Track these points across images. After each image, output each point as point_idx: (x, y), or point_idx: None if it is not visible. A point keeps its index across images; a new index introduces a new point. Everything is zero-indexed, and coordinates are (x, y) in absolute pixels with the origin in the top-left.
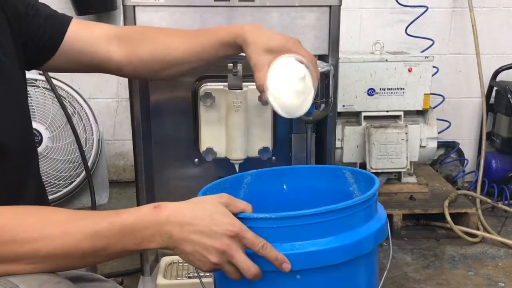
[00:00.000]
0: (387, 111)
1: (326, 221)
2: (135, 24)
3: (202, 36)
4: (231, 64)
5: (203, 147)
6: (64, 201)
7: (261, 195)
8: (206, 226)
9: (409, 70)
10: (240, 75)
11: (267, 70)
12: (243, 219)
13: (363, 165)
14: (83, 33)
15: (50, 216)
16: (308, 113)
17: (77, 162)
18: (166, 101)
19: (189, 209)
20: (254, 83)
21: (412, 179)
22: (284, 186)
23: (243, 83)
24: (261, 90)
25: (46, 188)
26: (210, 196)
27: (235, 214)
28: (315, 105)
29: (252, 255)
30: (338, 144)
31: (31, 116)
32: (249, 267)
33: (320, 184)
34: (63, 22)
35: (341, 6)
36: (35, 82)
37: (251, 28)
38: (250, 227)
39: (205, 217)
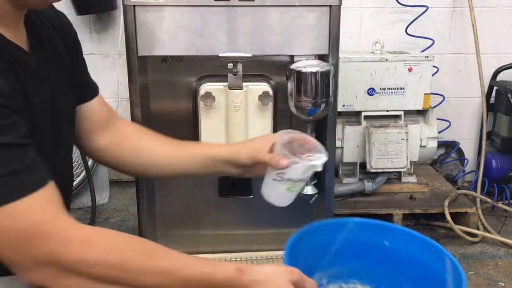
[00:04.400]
0: (387, 111)
1: None
2: (135, 24)
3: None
4: (231, 64)
5: None
6: None
7: (360, 245)
8: None
9: (409, 70)
10: (240, 74)
11: None
12: None
13: (363, 165)
14: (96, 110)
15: (154, 250)
16: (310, 113)
17: (77, 162)
18: (166, 100)
19: (263, 283)
20: (254, 84)
21: (412, 179)
22: (386, 243)
23: (243, 83)
24: None
25: None
26: (284, 270)
27: None
28: (315, 105)
29: None
30: (338, 143)
31: None
32: None
33: (419, 256)
34: (96, 89)
35: (341, 6)
36: None
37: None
38: None
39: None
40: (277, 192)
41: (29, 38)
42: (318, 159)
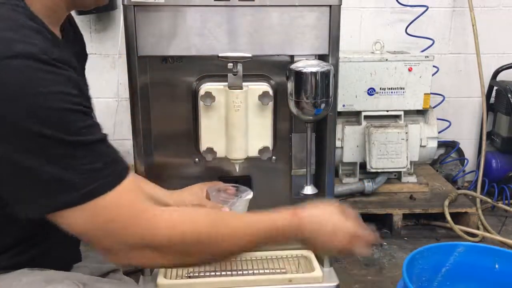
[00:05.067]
0: (387, 111)
1: None
2: (135, 24)
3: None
4: (231, 64)
5: (203, 146)
6: None
7: (469, 267)
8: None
9: (409, 70)
10: (240, 74)
11: None
12: None
13: (363, 165)
14: None
15: (223, 217)
16: (310, 113)
17: None
18: (166, 100)
19: (319, 221)
20: (254, 83)
21: (412, 179)
22: (496, 266)
23: (243, 83)
24: None
25: None
26: (332, 206)
27: None
28: (315, 105)
29: None
30: (338, 143)
31: None
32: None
33: None
34: None
35: (341, 6)
36: None
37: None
38: None
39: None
40: None
41: (63, 38)
42: (249, 193)
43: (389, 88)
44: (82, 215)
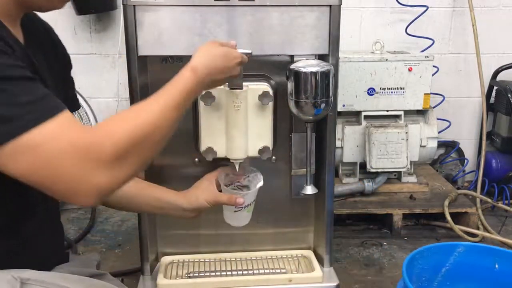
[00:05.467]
0: (387, 111)
1: None
2: (135, 24)
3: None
4: None
5: (203, 146)
6: None
7: (469, 267)
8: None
9: (409, 70)
10: (240, 74)
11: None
12: None
13: (363, 165)
14: None
15: (144, 105)
16: (310, 113)
17: None
18: None
19: (206, 60)
20: (254, 83)
21: (412, 179)
22: (496, 266)
23: (244, 83)
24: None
25: None
26: (208, 44)
27: None
28: (315, 105)
29: None
30: (338, 143)
31: None
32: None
33: None
34: (77, 106)
35: (341, 6)
36: None
37: None
38: None
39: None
40: (241, 219)
41: (25, 38)
42: (258, 180)
43: (389, 88)
44: (18, 153)
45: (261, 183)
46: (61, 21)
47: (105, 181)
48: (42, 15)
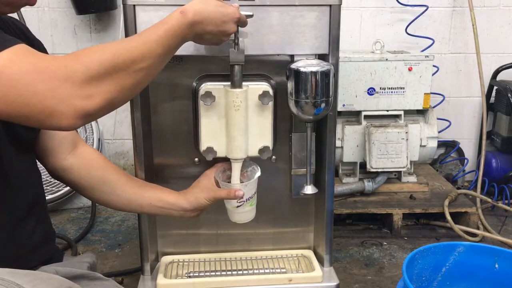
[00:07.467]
0: (387, 110)
1: None
2: (135, 23)
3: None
4: (232, 36)
5: (203, 146)
6: (65, 200)
7: (469, 266)
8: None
9: (409, 70)
10: (242, 48)
11: None
12: None
13: (363, 165)
14: None
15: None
16: (310, 113)
17: None
18: (166, 100)
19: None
20: (254, 83)
21: (412, 179)
22: (496, 265)
23: (244, 83)
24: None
25: (46, 188)
26: None
27: None
28: (315, 104)
29: None
30: (338, 143)
31: None
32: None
33: None
34: None
35: (341, 5)
36: None
37: None
38: None
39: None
40: (244, 214)
41: None
42: (256, 170)
43: (389, 88)
44: None
45: (258, 173)
46: (61, 21)
47: (81, 101)
48: (43, 16)
